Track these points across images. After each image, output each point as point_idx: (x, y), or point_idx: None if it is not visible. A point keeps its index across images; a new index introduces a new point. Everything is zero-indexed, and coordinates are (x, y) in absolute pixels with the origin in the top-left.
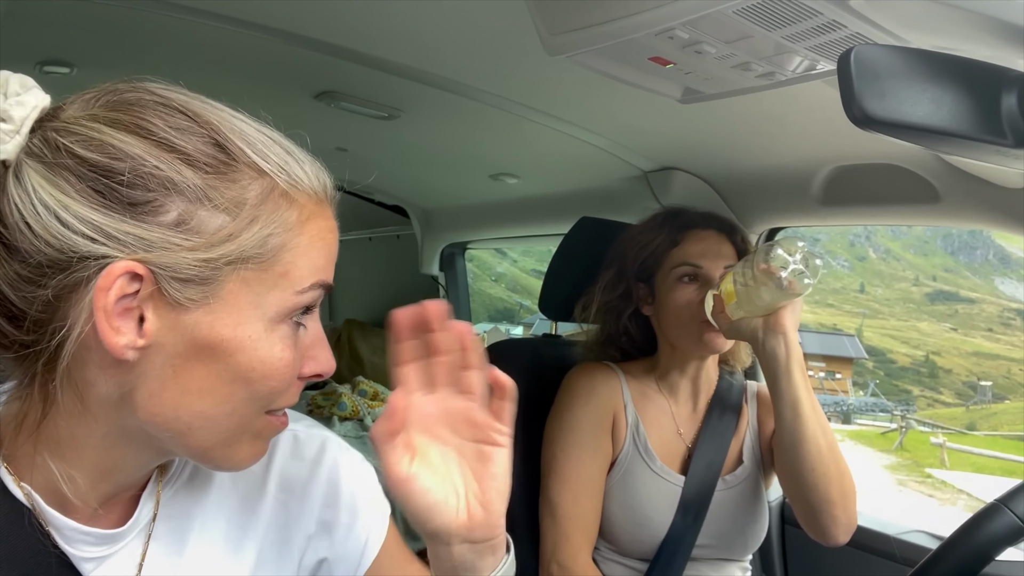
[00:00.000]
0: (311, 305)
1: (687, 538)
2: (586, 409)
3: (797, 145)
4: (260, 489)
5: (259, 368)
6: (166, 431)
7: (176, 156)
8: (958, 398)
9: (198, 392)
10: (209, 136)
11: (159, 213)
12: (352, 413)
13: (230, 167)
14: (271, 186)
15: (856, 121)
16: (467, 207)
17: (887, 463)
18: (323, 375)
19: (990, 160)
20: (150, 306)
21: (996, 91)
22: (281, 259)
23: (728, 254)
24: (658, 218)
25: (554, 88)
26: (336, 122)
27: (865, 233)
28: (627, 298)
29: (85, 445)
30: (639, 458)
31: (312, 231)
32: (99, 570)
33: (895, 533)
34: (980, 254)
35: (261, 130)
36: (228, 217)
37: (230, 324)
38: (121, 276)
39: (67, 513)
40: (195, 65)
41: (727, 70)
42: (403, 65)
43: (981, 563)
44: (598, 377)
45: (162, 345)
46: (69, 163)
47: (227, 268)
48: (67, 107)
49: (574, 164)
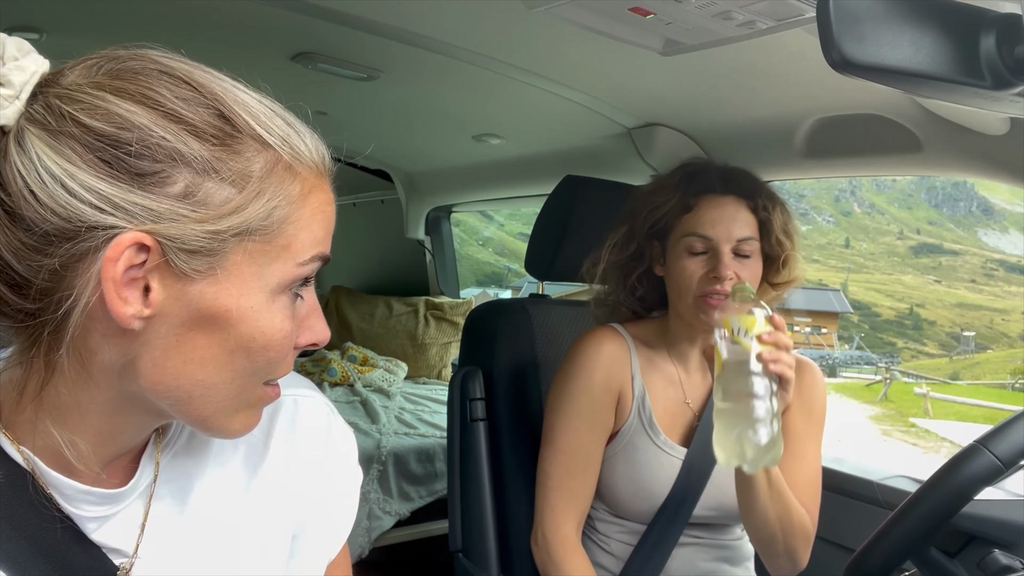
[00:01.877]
0: (310, 276)
1: (686, 506)
2: (591, 382)
3: (780, 97)
4: (262, 451)
5: (259, 338)
6: (167, 398)
7: (182, 127)
8: (942, 349)
9: (200, 361)
10: (214, 107)
11: (166, 184)
12: (342, 379)
13: (235, 139)
14: (275, 159)
15: (835, 66)
16: (451, 169)
17: (872, 414)
18: (318, 344)
19: (970, 103)
20: (156, 276)
21: (975, 33)
22: (284, 231)
23: (746, 222)
24: (675, 175)
25: (535, 44)
26: (315, 85)
27: (850, 188)
28: (639, 258)
29: (88, 411)
30: (643, 431)
31: (313, 204)
32: (102, 529)
33: (878, 479)
34: (963, 206)
35: (263, 101)
36: (235, 189)
37: (234, 295)
38: (130, 247)
39: (69, 475)
40: (165, 27)
41: (707, 19)
42: (381, 24)
43: (961, 502)
44: (606, 348)
45: (167, 315)
46: (75, 131)
47: (233, 240)
48: (68, 73)
49: (557, 123)
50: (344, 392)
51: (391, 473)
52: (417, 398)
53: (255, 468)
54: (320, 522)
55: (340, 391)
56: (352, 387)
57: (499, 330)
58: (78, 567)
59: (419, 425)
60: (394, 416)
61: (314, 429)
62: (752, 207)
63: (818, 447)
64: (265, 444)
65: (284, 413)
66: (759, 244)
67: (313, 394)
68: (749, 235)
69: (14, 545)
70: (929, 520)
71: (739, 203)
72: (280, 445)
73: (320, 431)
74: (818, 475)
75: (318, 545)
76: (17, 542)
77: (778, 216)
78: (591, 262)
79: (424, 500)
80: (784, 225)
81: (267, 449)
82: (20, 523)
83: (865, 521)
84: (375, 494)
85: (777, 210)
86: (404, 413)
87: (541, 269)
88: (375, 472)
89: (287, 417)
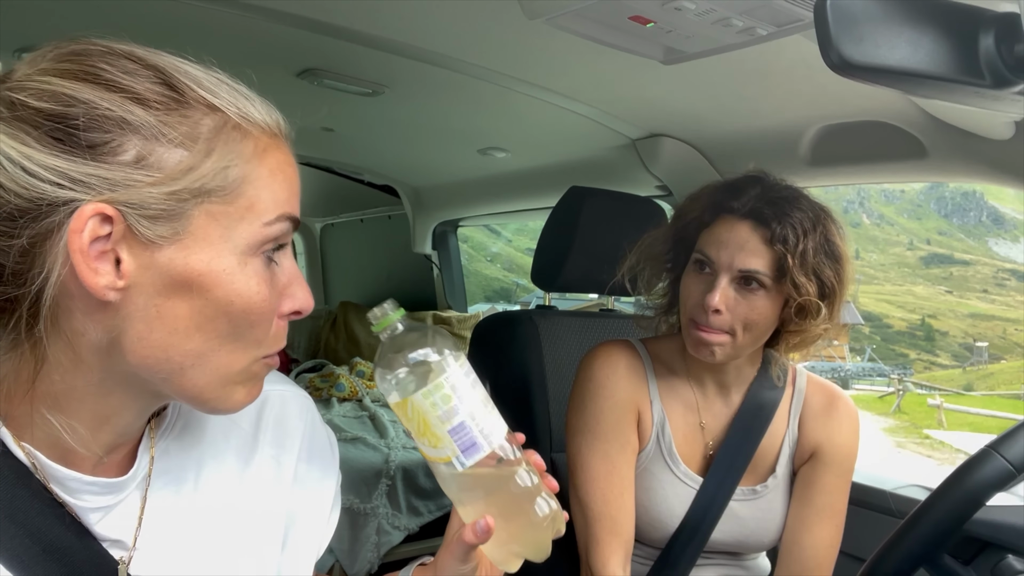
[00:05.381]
0: (281, 239)
1: (700, 534)
2: (610, 402)
3: (783, 106)
4: (252, 443)
5: (237, 302)
6: (159, 373)
7: (127, 97)
8: (954, 360)
9: (184, 331)
10: (158, 77)
11: (118, 153)
12: (351, 394)
13: (181, 103)
14: (223, 120)
15: (834, 67)
16: (457, 184)
17: (885, 426)
18: (302, 312)
19: (970, 102)
20: (124, 247)
21: (974, 32)
22: (244, 192)
23: (755, 253)
24: (710, 187)
25: (538, 57)
26: (321, 101)
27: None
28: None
29: (84, 395)
30: (661, 459)
31: (271, 163)
32: (104, 520)
33: (891, 488)
34: (973, 216)
35: (210, 71)
36: (185, 151)
37: (204, 259)
38: (92, 217)
39: (70, 466)
40: (174, 46)
41: (707, 27)
42: (386, 39)
43: (973, 508)
44: (621, 367)
45: (141, 285)
46: (26, 115)
47: (192, 202)
48: (18, 68)
49: (562, 135)
50: (353, 407)
51: (400, 488)
52: None
53: (247, 459)
54: (309, 514)
55: (348, 406)
56: (360, 402)
57: (506, 341)
58: (80, 563)
59: None
60: (402, 430)
61: (299, 423)
62: (768, 237)
63: (843, 508)
64: (255, 437)
65: (270, 408)
66: (770, 281)
67: (297, 392)
68: (755, 268)
69: (18, 543)
70: (941, 526)
71: (754, 230)
72: (268, 438)
73: (305, 424)
74: (836, 545)
75: (309, 537)
76: (20, 540)
77: (808, 254)
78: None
79: (433, 514)
80: (816, 266)
81: (257, 442)
82: (23, 520)
83: (878, 531)
84: (384, 509)
85: (809, 247)
86: None
87: (548, 280)
88: (384, 487)
89: (273, 411)
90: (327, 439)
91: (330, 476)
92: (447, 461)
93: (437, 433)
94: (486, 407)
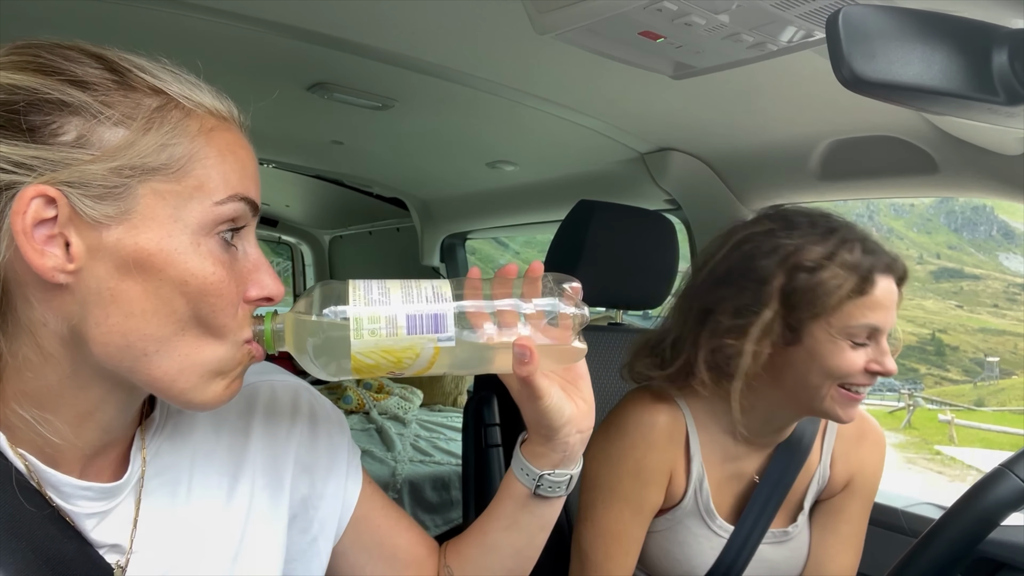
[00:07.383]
0: (238, 221)
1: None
2: (642, 464)
3: (793, 120)
4: (244, 439)
5: (192, 282)
6: (123, 361)
7: (66, 80)
8: (965, 375)
9: (140, 313)
10: (99, 62)
11: (59, 134)
12: (357, 406)
13: (122, 85)
14: (166, 99)
15: (846, 83)
16: (466, 196)
17: (896, 442)
18: (272, 299)
19: (983, 119)
20: (72, 229)
21: (987, 49)
22: (192, 171)
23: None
24: (839, 260)
25: (547, 71)
26: (330, 114)
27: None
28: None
29: (60, 391)
30: (697, 515)
31: (220, 143)
32: (100, 526)
33: (903, 506)
34: (984, 230)
35: (157, 60)
36: (125, 130)
37: (154, 239)
38: (35, 199)
39: (61, 468)
40: (184, 61)
41: (717, 42)
42: (395, 53)
43: (987, 528)
44: (659, 427)
45: (93, 267)
46: None
47: (136, 180)
48: None
49: (571, 149)
50: (359, 420)
51: (406, 501)
52: (432, 425)
53: (240, 455)
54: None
55: (355, 419)
56: (367, 415)
57: None
58: (77, 570)
59: (434, 453)
60: (409, 444)
61: (294, 411)
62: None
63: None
64: (247, 432)
65: (261, 398)
66: None
67: (289, 380)
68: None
69: (13, 552)
70: (955, 547)
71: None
72: (260, 429)
73: (302, 404)
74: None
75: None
76: (18, 549)
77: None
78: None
79: (440, 529)
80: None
81: (248, 436)
82: (17, 525)
83: (890, 550)
84: None
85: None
86: (419, 440)
87: None
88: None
89: (264, 401)
90: (332, 419)
91: (339, 453)
92: (438, 352)
93: (404, 344)
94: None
